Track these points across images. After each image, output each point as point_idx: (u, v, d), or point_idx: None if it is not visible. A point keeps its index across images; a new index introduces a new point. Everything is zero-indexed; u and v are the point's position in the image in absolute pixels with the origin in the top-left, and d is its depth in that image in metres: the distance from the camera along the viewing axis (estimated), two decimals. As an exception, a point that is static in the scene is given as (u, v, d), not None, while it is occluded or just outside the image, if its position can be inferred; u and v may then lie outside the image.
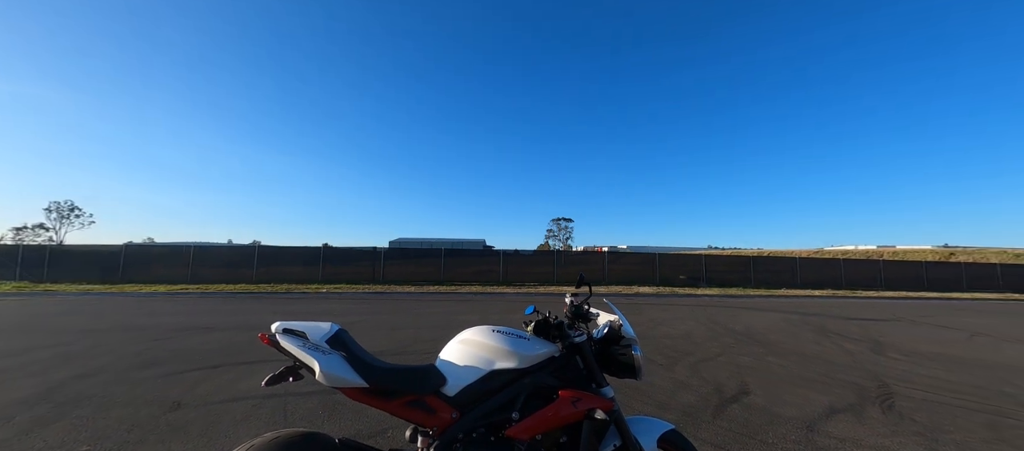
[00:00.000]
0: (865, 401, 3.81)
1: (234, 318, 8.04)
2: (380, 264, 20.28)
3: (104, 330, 6.55)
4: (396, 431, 2.85)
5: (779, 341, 6.67)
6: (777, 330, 7.80)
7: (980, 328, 9.03)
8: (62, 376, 4.03)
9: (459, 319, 8.45)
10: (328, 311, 9.72)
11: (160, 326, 6.97)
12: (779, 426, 3.15)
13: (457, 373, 1.62)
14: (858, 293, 20.66)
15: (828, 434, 3.04)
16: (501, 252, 22.09)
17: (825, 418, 3.36)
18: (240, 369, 4.37)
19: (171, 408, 3.25)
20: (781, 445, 2.83)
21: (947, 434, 3.11)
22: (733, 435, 2.96)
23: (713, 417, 3.30)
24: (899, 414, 3.51)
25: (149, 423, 2.96)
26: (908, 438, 3.01)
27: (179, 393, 3.60)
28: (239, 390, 3.69)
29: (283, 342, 1.46)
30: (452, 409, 1.56)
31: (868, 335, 7.57)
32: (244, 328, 6.85)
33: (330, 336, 1.53)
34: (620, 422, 1.68)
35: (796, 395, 3.91)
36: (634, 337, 1.83)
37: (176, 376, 4.09)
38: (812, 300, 15.83)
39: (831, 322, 9.19)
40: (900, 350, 6.26)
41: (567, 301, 1.89)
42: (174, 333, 6.34)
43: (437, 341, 6.03)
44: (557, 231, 72.58)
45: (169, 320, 7.68)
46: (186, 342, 5.68)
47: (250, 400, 3.45)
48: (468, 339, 1.72)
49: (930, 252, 46.04)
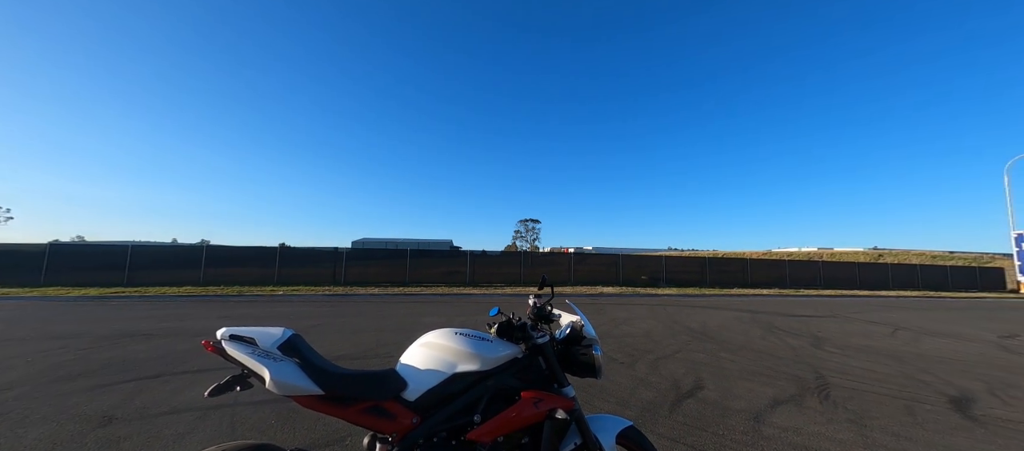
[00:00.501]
0: (805, 392, 4.12)
1: (177, 323, 7.46)
2: (342, 265, 19.54)
3: (22, 338, 5.87)
4: (355, 438, 2.75)
5: (731, 338, 7.07)
6: (729, 328, 8.26)
7: (902, 323, 10.01)
8: (-32, 392, 3.57)
9: (425, 321, 8.31)
10: (283, 314, 9.24)
11: (90, 333, 6.35)
12: (729, 418, 3.34)
13: (418, 377, 1.59)
14: (801, 292, 22.35)
15: (773, 424, 3.26)
16: (468, 253, 21.94)
17: (770, 409, 3.59)
18: (182, 378, 4.06)
19: (101, 423, 2.97)
20: (731, 436, 3.00)
21: (874, 420, 3.42)
22: (687, 428, 3.10)
23: (670, 412, 3.45)
24: (834, 403, 3.82)
25: (74, 440, 2.69)
26: (841, 425, 3.29)
27: (111, 406, 3.29)
28: (181, 401, 3.44)
29: (229, 349, 1.38)
30: (412, 414, 1.53)
31: (809, 330, 8.19)
32: (188, 334, 6.37)
33: (282, 342, 1.45)
34: (581, 421, 1.71)
35: (745, 388, 4.16)
36: (595, 337, 1.87)
37: (108, 387, 3.74)
38: (761, 299, 16.90)
39: (777, 319, 9.86)
40: (835, 344, 6.82)
41: (530, 303, 1.91)
42: (107, 341, 5.80)
43: (402, 344, 5.89)
44: (524, 232, 73.07)
45: (101, 327, 7.01)
46: (120, 350, 5.21)
47: (193, 411, 3.21)
48: (430, 342, 1.69)
49: (863, 254, 50.64)
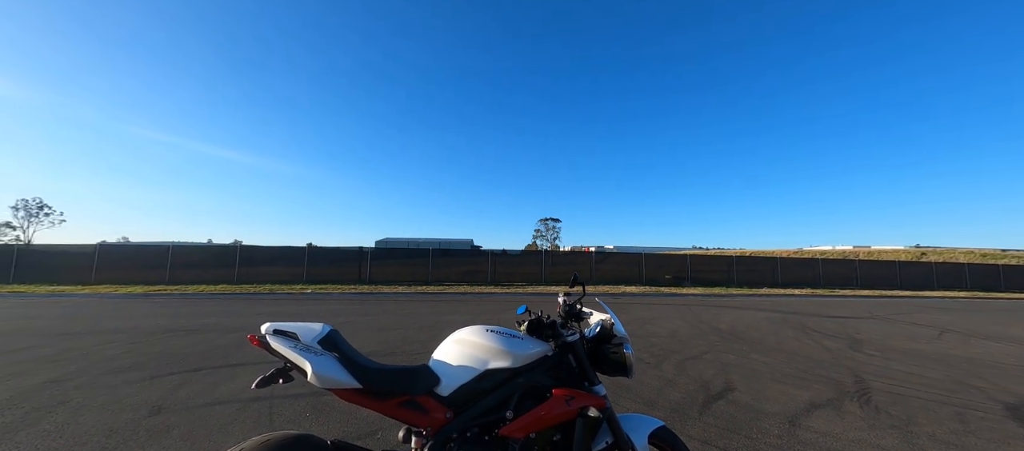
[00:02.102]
0: (843, 396, 3.94)
1: (215, 320, 7.84)
2: (367, 264, 20.02)
3: (78, 333, 6.31)
4: (387, 432, 2.82)
5: (762, 339, 6.84)
6: (760, 328, 8.00)
7: (949, 325, 9.43)
8: (34, 381, 3.87)
9: (448, 320, 8.41)
10: (313, 312, 9.56)
11: (138, 329, 6.75)
12: (763, 421, 3.23)
13: (451, 373, 1.61)
14: (835, 292, 21.34)
15: (809, 428, 3.13)
16: (489, 252, 22.07)
17: (806, 413, 3.46)
18: (223, 372, 4.26)
19: (151, 412, 3.15)
20: (764, 440, 2.90)
21: (921, 427, 3.24)
22: (718, 431, 3.02)
23: (700, 413, 3.37)
24: (876, 408, 3.64)
25: (128, 428, 2.87)
26: (885, 432, 3.13)
27: (159, 397, 3.49)
28: (222, 393, 3.61)
29: (274, 343, 1.43)
30: (446, 409, 1.55)
31: (846, 332, 7.82)
32: (226, 330, 6.68)
33: (322, 337, 1.51)
34: (612, 420, 1.70)
35: (778, 391, 4.02)
36: (625, 336, 1.85)
37: (156, 380, 3.97)
38: (792, 299, 16.26)
39: (810, 320, 9.46)
40: (876, 346, 6.49)
41: (560, 300, 1.91)
42: (153, 335, 6.15)
43: (427, 342, 5.99)
44: (545, 231, 72.76)
45: (147, 322, 7.44)
46: (166, 345, 5.51)
47: (234, 403, 3.37)
48: (462, 339, 1.71)
49: (903, 252, 47.89)
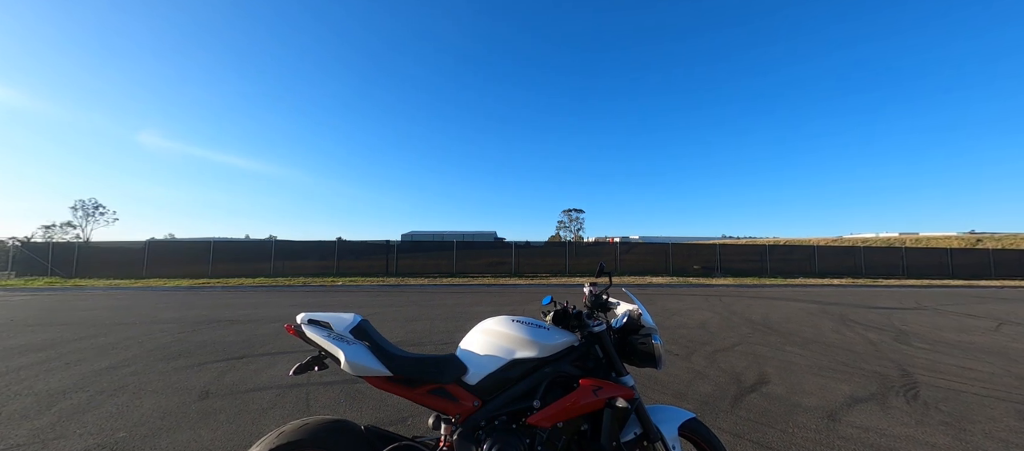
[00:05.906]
0: (888, 390, 3.74)
1: (255, 311, 8.26)
2: (393, 257, 20.54)
3: (133, 323, 6.80)
4: (417, 419, 2.91)
5: (798, 330, 6.57)
6: (795, 319, 7.68)
7: (1008, 316, 8.73)
8: (97, 367, 4.21)
9: (473, 311, 8.53)
10: (344, 303, 9.91)
11: (185, 319, 7.21)
12: (799, 415, 3.12)
13: (478, 362, 1.64)
14: (879, 281, 20.15)
15: (851, 424, 2.99)
16: (513, 244, 22.13)
17: (847, 407, 3.31)
18: (263, 360, 4.50)
19: (200, 397, 3.37)
20: (802, 434, 2.80)
21: (975, 424, 3.03)
22: (752, 424, 2.94)
23: (732, 406, 3.28)
24: (924, 403, 3.43)
25: (180, 411, 3.08)
26: (935, 428, 2.95)
27: (207, 382, 3.73)
28: (263, 380, 3.81)
29: (309, 332, 1.50)
30: (474, 397, 1.58)
31: (891, 324, 7.39)
32: (265, 320, 7.03)
33: (354, 326, 1.56)
34: (641, 410, 1.68)
35: (816, 384, 3.86)
36: (654, 326, 1.82)
37: (203, 366, 4.24)
38: (831, 289, 15.50)
39: (851, 311, 9.00)
40: (924, 339, 6.10)
41: (586, 291, 1.89)
42: (199, 326, 6.55)
43: (453, 332, 6.10)
44: (568, 222, 72.31)
45: (193, 313, 7.93)
46: (211, 334, 5.87)
47: (274, 389, 3.55)
48: (489, 329, 1.73)
49: (955, 239, 44.40)
